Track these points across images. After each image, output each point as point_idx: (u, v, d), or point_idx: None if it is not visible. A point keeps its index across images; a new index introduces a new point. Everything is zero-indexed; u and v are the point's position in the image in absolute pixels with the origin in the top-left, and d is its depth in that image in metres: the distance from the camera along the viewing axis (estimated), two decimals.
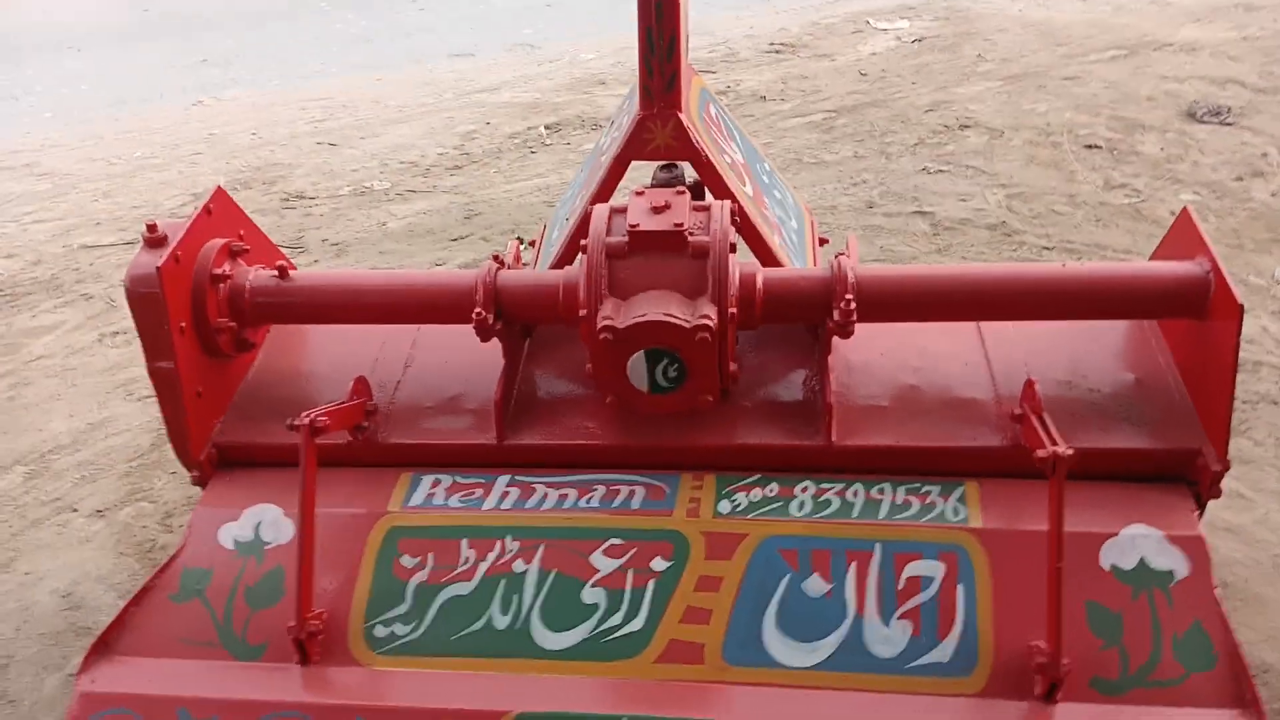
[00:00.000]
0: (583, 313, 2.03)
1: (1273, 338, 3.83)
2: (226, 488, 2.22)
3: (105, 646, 2.00)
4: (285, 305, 2.26)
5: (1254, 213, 4.64)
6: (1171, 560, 1.91)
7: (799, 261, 2.39)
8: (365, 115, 7.16)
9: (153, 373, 2.15)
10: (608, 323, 1.97)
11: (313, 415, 1.99)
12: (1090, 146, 5.47)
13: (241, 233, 2.36)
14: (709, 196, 2.43)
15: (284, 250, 2.45)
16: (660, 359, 2.01)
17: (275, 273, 2.25)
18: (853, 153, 5.64)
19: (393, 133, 6.73)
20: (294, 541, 2.04)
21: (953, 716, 1.82)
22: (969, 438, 2.11)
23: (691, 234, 2.02)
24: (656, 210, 2.07)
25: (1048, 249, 4.45)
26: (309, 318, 2.32)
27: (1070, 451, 1.81)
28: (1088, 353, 2.25)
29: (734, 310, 2.01)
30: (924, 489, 2.08)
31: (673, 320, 1.96)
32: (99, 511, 3.30)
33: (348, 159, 6.29)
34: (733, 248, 2.04)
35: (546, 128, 6.55)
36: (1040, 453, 1.83)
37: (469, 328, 2.12)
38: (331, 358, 2.40)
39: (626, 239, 2.03)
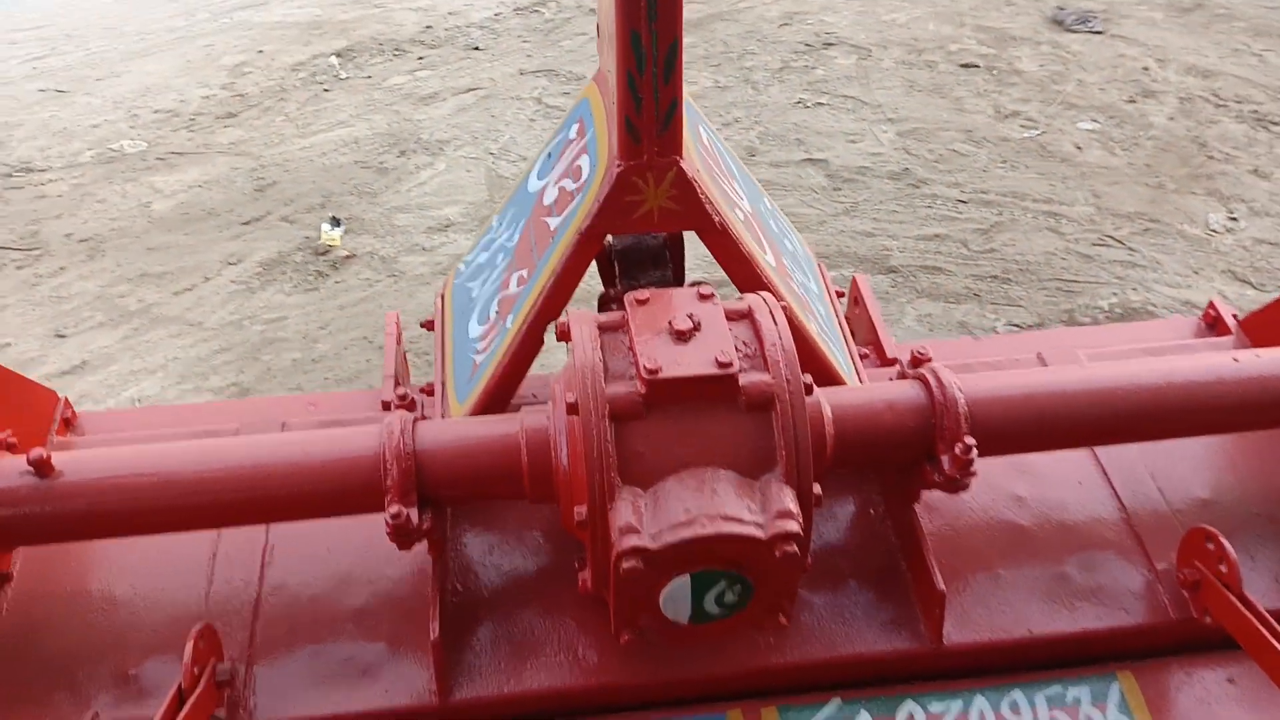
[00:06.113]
0: (580, 513, 1.26)
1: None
2: None
3: None
4: (49, 518, 1.34)
5: (1160, 142, 4.27)
6: None
7: (837, 349, 1.67)
8: (98, 47, 5.71)
9: None
10: (633, 543, 1.20)
11: None
12: (967, 65, 4.95)
13: None
14: (693, 274, 1.65)
15: (17, 251, 1.44)
16: (714, 582, 1.27)
17: (31, 469, 1.32)
18: (713, 81, 4.88)
19: (138, 70, 5.37)
20: None
21: None
22: (1118, 612, 1.51)
23: (744, 372, 1.27)
24: (681, 336, 1.29)
25: (962, 201, 3.91)
26: (90, 531, 1.39)
27: None
28: (1223, 453, 1.70)
29: (819, 491, 1.28)
30: (1068, 694, 1.49)
31: (740, 531, 1.21)
32: None
33: (84, 110, 4.94)
34: (808, 388, 1.30)
35: (337, 56, 5.40)
36: None
37: None
38: (137, 569, 1.51)
39: (642, 389, 1.25)
